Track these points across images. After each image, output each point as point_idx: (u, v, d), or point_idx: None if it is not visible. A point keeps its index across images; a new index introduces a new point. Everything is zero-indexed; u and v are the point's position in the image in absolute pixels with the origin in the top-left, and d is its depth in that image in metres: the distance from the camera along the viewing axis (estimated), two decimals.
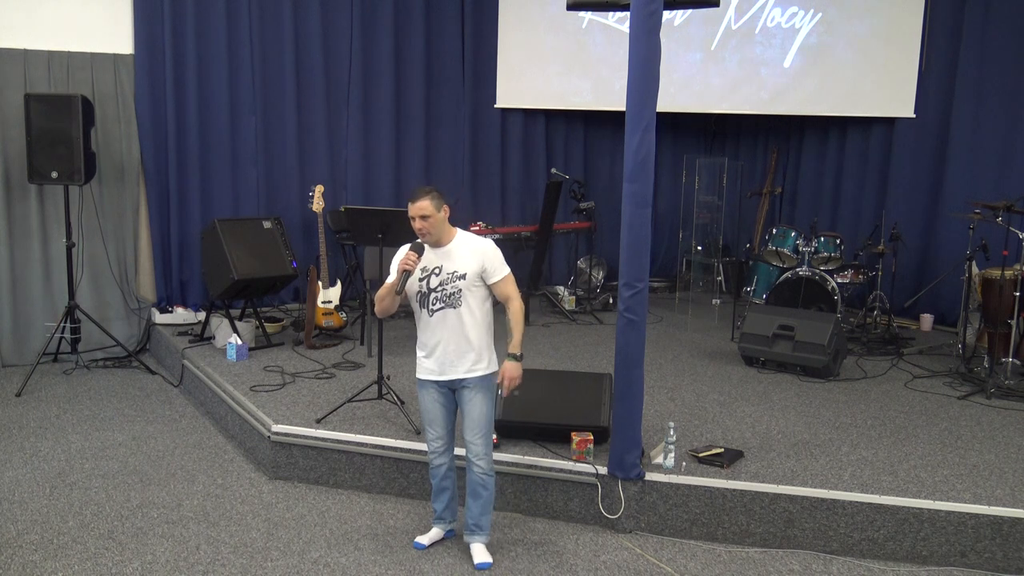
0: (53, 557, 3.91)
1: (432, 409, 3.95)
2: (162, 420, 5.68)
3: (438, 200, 3.75)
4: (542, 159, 8.75)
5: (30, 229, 6.64)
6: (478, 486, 3.90)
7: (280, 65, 7.49)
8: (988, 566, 3.98)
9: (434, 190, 3.78)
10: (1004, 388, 5.70)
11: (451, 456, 4.02)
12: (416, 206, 3.72)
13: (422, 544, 4.07)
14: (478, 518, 3.95)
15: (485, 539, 3.99)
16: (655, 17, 3.93)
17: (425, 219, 3.72)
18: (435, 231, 3.76)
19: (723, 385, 5.85)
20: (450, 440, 4.00)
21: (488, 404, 3.87)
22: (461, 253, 3.81)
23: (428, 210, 3.70)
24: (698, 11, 7.92)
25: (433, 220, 3.73)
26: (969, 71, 7.33)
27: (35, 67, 6.53)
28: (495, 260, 3.84)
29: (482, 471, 3.87)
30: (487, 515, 3.96)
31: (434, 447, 3.99)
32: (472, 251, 3.82)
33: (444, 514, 4.11)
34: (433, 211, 3.72)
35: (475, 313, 3.82)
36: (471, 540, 3.99)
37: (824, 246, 7.08)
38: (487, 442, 3.88)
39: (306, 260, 7.32)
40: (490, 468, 3.90)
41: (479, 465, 3.87)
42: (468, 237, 3.89)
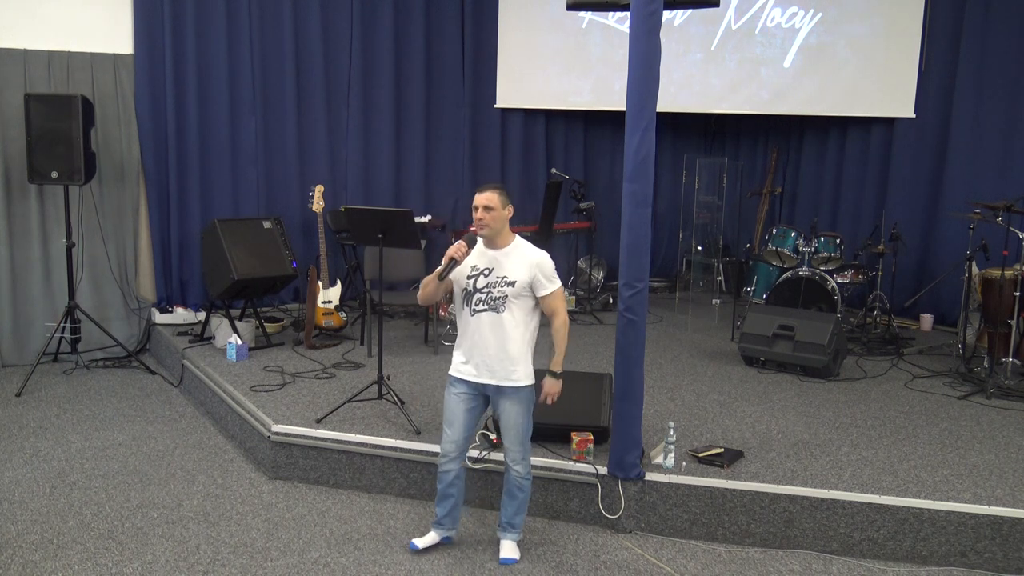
0: (53, 557, 3.91)
1: (455, 409, 3.89)
2: (162, 420, 5.68)
3: (505, 198, 3.74)
4: (542, 159, 8.75)
5: (30, 229, 6.64)
6: (515, 487, 3.94)
7: (280, 65, 7.49)
8: (988, 566, 3.99)
9: (504, 188, 3.80)
10: (1004, 388, 5.70)
11: (461, 464, 3.96)
12: (483, 195, 3.70)
13: (416, 546, 4.03)
14: (512, 517, 4.00)
15: (516, 537, 4.03)
16: (655, 17, 3.93)
17: (488, 210, 3.68)
18: (494, 225, 3.71)
19: (723, 385, 5.85)
20: (464, 446, 3.95)
21: (523, 414, 3.83)
22: (515, 260, 3.76)
23: (494, 202, 3.68)
24: (698, 11, 7.92)
25: (496, 214, 3.70)
26: (969, 71, 7.33)
27: (35, 67, 6.53)
28: (548, 272, 3.79)
29: (519, 475, 3.90)
30: (521, 515, 4.01)
31: (446, 449, 3.92)
32: (527, 261, 3.75)
33: (444, 520, 4.06)
34: (498, 205, 3.69)
35: (518, 323, 3.75)
36: (502, 536, 4.03)
37: (824, 246, 7.08)
38: (525, 449, 3.87)
39: (306, 260, 7.32)
40: (527, 473, 3.91)
41: (516, 470, 3.90)
42: (526, 246, 3.82)
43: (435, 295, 3.88)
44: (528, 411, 3.86)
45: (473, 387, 3.86)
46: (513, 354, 3.76)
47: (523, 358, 3.80)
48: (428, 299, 3.93)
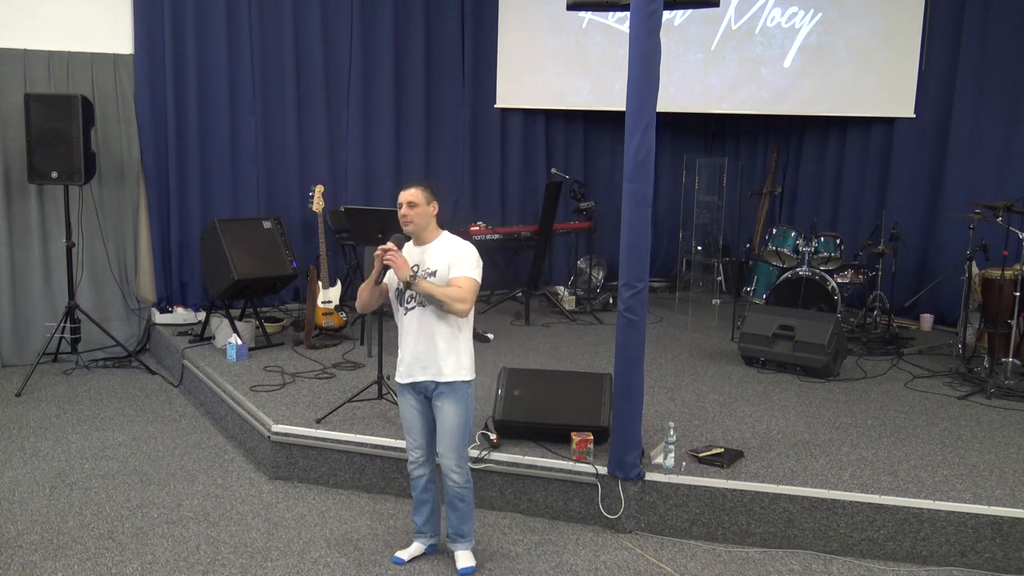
0: (53, 557, 3.91)
1: (409, 416, 3.83)
2: (162, 420, 5.68)
3: (429, 194, 3.69)
4: (542, 159, 8.75)
5: (30, 229, 6.64)
6: (455, 499, 3.80)
7: (280, 65, 7.49)
8: (988, 566, 3.99)
9: (429, 184, 3.74)
10: (1004, 388, 5.70)
11: (431, 468, 3.89)
12: (406, 192, 3.67)
13: (401, 559, 3.93)
14: (458, 527, 3.87)
15: (468, 545, 3.91)
16: (655, 17, 3.93)
17: (412, 207, 3.64)
18: (419, 221, 3.67)
19: (723, 385, 5.85)
20: (430, 451, 3.86)
21: (459, 413, 3.69)
22: (438, 252, 3.69)
23: (418, 198, 3.64)
24: (698, 11, 7.92)
25: (420, 211, 3.65)
26: (969, 71, 7.33)
27: (35, 67, 6.53)
28: (465, 259, 3.66)
29: (457, 485, 3.76)
30: (468, 523, 3.87)
31: (412, 457, 3.87)
32: (449, 251, 3.69)
33: (424, 527, 3.98)
34: (422, 201, 3.65)
35: (444, 314, 3.65)
36: (453, 548, 3.91)
37: (824, 246, 7.08)
38: (459, 455, 3.73)
39: (306, 260, 7.31)
40: (466, 480, 3.78)
41: (452, 479, 3.75)
42: (452, 239, 3.74)
43: (372, 301, 3.78)
44: (462, 412, 3.70)
45: (416, 389, 3.76)
46: (440, 347, 3.66)
47: (452, 351, 3.67)
48: (366, 306, 3.82)
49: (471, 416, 3.79)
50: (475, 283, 3.64)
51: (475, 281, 3.64)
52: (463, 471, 3.78)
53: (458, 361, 3.70)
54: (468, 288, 3.61)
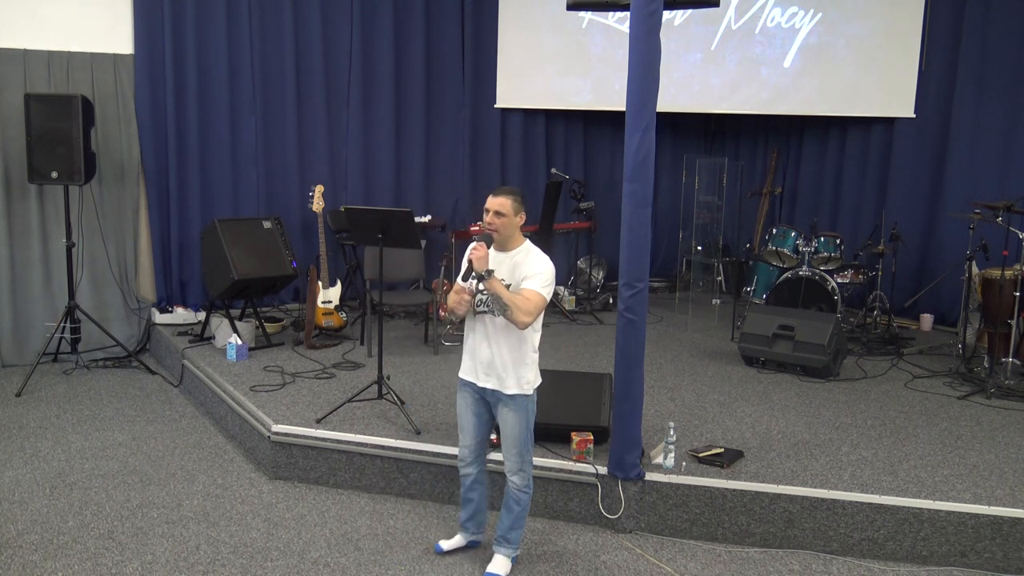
0: (53, 557, 3.91)
1: (463, 415, 3.86)
2: (162, 420, 5.68)
3: (518, 204, 3.66)
4: (542, 159, 8.74)
5: (30, 229, 6.64)
6: (511, 500, 3.81)
7: (280, 65, 7.49)
8: (988, 566, 3.99)
9: (519, 193, 3.71)
10: (1004, 388, 5.70)
11: (479, 468, 3.93)
12: (495, 200, 3.64)
13: (441, 548, 4.03)
14: (507, 531, 3.85)
15: (510, 552, 3.89)
16: (655, 17, 3.93)
17: (500, 216, 3.62)
18: (504, 231, 3.65)
19: (723, 385, 5.85)
20: (479, 451, 3.90)
21: (520, 422, 3.71)
22: (518, 261, 3.68)
23: (506, 208, 3.62)
24: (698, 11, 7.92)
25: (506, 220, 3.63)
26: (969, 71, 7.33)
27: (35, 67, 6.52)
28: (539, 274, 3.62)
29: (516, 487, 3.79)
30: (517, 530, 3.86)
31: (461, 455, 3.92)
32: (526, 261, 3.67)
33: (468, 524, 4.05)
34: (510, 212, 3.62)
35: (506, 330, 3.66)
36: (495, 550, 3.90)
37: (824, 246, 7.08)
38: (522, 459, 3.75)
39: (306, 260, 7.32)
40: (525, 485, 3.78)
41: (513, 481, 3.79)
42: (532, 251, 3.71)
43: (462, 305, 3.70)
44: (523, 421, 3.72)
45: (475, 390, 3.79)
46: (506, 359, 3.68)
47: (517, 364, 3.68)
48: (457, 308, 3.73)
49: (532, 422, 3.78)
50: (542, 299, 3.60)
51: (543, 298, 3.60)
52: (524, 476, 3.79)
53: (522, 375, 3.69)
54: (535, 303, 3.58)
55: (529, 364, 3.71)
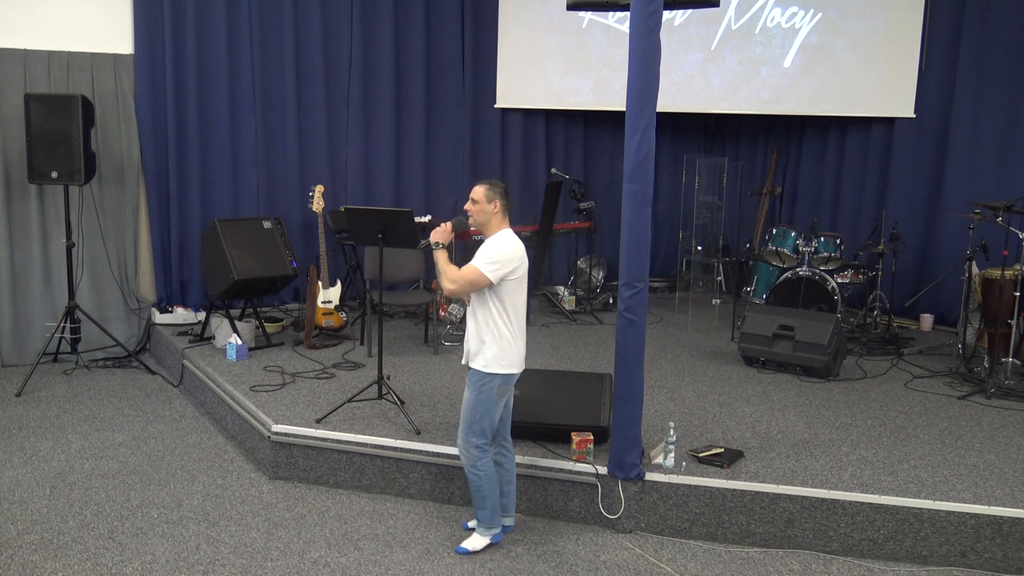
0: (53, 557, 3.91)
1: None
2: (162, 420, 5.68)
3: (492, 193, 3.93)
4: (542, 159, 8.75)
5: (30, 229, 6.64)
6: (468, 479, 3.99)
7: (280, 65, 7.49)
8: (988, 566, 3.99)
9: (497, 184, 3.98)
10: (1004, 388, 5.70)
11: (496, 450, 4.08)
12: (474, 189, 3.95)
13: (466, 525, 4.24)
14: (476, 511, 4.05)
15: (481, 530, 4.04)
16: (655, 17, 3.93)
17: (474, 203, 3.94)
18: (477, 217, 3.95)
19: (723, 385, 5.85)
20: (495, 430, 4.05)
21: (470, 399, 3.91)
22: (482, 247, 3.92)
23: (479, 196, 3.93)
24: (698, 11, 7.92)
25: (479, 207, 3.93)
26: (969, 71, 7.33)
27: (35, 67, 6.52)
28: (483, 252, 3.86)
29: (464, 465, 3.98)
30: (481, 510, 4.02)
31: None
32: (486, 245, 3.90)
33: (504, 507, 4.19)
34: (483, 199, 3.92)
35: (474, 307, 3.92)
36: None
37: (824, 246, 7.08)
38: (466, 436, 3.93)
39: (306, 260, 7.32)
40: (475, 463, 3.94)
41: (460, 456, 3.99)
42: (499, 237, 3.94)
43: None
44: (474, 398, 3.89)
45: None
46: (472, 333, 3.92)
47: (479, 340, 3.88)
48: None
49: (484, 405, 3.90)
50: (476, 272, 3.82)
51: (477, 272, 3.82)
52: (467, 455, 3.95)
53: (481, 351, 3.89)
54: (463, 273, 3.84)
55: (490, 343, 3.86)
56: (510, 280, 3.85)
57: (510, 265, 3.84)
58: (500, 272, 3.81)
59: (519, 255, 3.88)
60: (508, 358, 3.89)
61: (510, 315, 3.88)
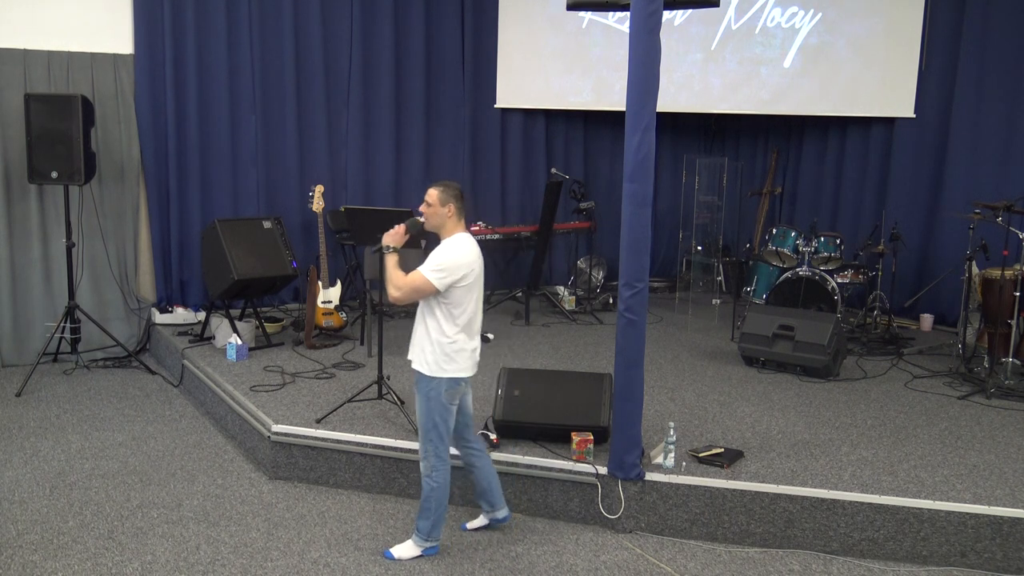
0: (53, 557, 3.91)
1: None
2: (162, 420, 5.68)
3: (446, 195, 3.85)
4: (542, 159, 8.75)
5: (30, 229, 6.64)
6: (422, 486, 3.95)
7: (280, 65, 7.49)
8: (988, 566, 3.99)
9: (452, 186, 3.89)
10: (1004, 388, 5.70)
11: (464, 449, 4.12)
12: (427, 192, 3.89)
13: (465, 527, 4.25)
14: (418, 519, 3.99)
15: (417, 539, 3.98)
16: (655, 17, 3.93)
17: (428, 206, 3.88)
18: (431, 220, 3.89)
19: (723, 385, 5.85)
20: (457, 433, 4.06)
21: (422, 408, 3.89)
22: (434, 252, 3.87)
23: (432, 198, 3.86)
24: (698, 11, 7.92)
25: (432, 209, 3.86)
26: (969, 71, 7.33)
27: (35, 67, 6.52)
28: (432, 258, 3.82)
29: (422, 472, 3.94)
30: (423, 519, 3.94)
31: None
32: (436, 251, 3.86)
33: (480, 502, 4.22)
34: (436, 202, 3.85)
35: (421, 311, 3.93)
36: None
37: (824, 246, 7.08)
38: (423, 444, 3.91)
39: (306, 260, 7.31)
40: (431, 472, 3.90)
41: (420, 464, 3.95)
42: (452, 241, 3.87)
43: None
44: (424, 407, 3.87)
45: None
46: (415, 336, 3.93)
47: (421, 341, 3.88)
48: None
49: (434, 414, 3.87)
50: (421, 279, 3.77)
51: (423, 279, 3.77)
52: (425, 463, 3.92)
53: (422, 354, 3.89)
54: (408, 280, 3.81)
55: (433, 346, 3.85)
56: (459, 287, 3.78)
57: (458, 272, 3.77)
58: (447, 280, 3.75)
59: (469, 261, 3.81)
60: (454, 363, 3.84)
61: (458, 322, 3.83)
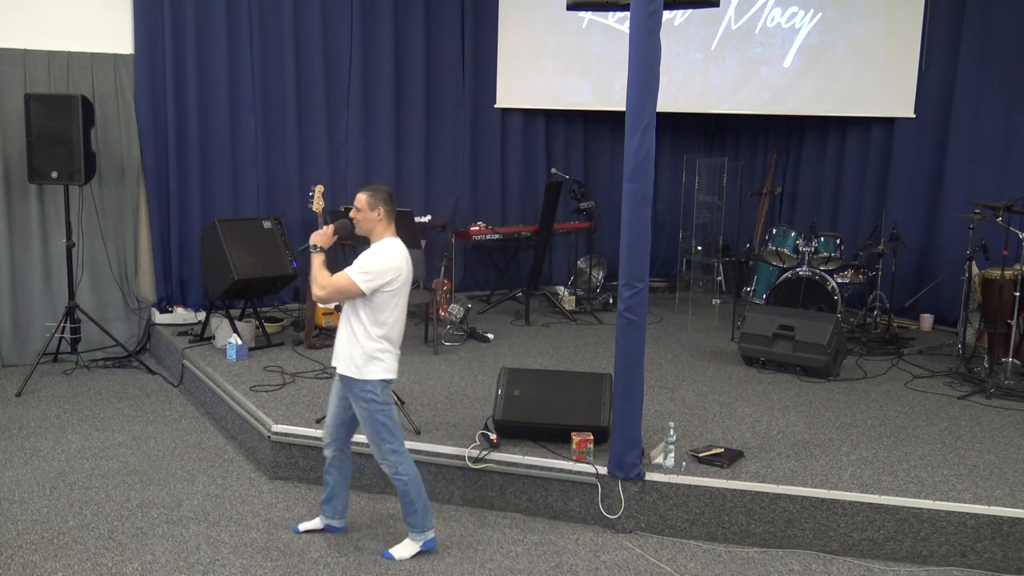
0: (53, 557, 3.91)
1: (331, 396, 4.09)
2: (162, 420, 5.68)
3: (375, 200, 3.86)
4: (542, 159, 8.74)
5: (30, 229, 6.64)
6: (395, 486, 3.98)
7: (280, 65, 7.49)
8: (988, 566, 3.99)
9: (381, 190, 3.91)
10: (1004, 388, 5.70)
11: (336, 451, 4.09)
12: (356, 197, 3.89)
13: (297, 528, 4.21)
14: (405, 516, 4.02)
15: (412, 536, 4.02)
16: (655, 17, 3.93)
17: (358, 211, 3.88)
18: (363, 224, 3.89)
19: (723, 385, 5.85)
20: (337, 434, 4.08)
21: (363, 414, 3.89)
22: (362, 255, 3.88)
23: (361, 203, 3.87)
24: (698, 11, 7.92)
25: (362, 215, 3.87)
26: (969, 71, 7.33)
27: (35, 67, 6.52)
28: (359, 261, 3.81)
29: (388, 474, 3.95)
30: (413, 514, 3.98)
31: (323, 434, 4.18)
32: (364, 254, 3.86)
33: (324, 507, 4.20)
34: (365, 207, 3.86)
35: (347, 312, 3.89)
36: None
37: (824, 246, 7.08)
38: (378, 448, 3.92)
39: (306, 260, 7.29)
40: (394, 472, 3.92)
41: (383, 467, 3.97)
42: (378, 247, 3.88)
43: None
44: (366, 413, 3.87)
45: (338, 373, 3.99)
46: (340, 340, 3.91)
47: (349, 344, 3.85)
48: None
49: (377, 414, 3.88)
50: (347, 280, 3.76)
51: (348, 280, 3.76)
52: (387, 463, 3.93)
53: (350, 359, 3.86)
54: (333, 280, 3.80)
55: (362, 348, 3.83)
56: (384, 292, 3.78)
57: (385, 277, 3.77)
58: (373, 283, 3.76)
59: (397, 266, 3.81)
60: (382, 363, 3.87)
61: (382, 327, 3.83)
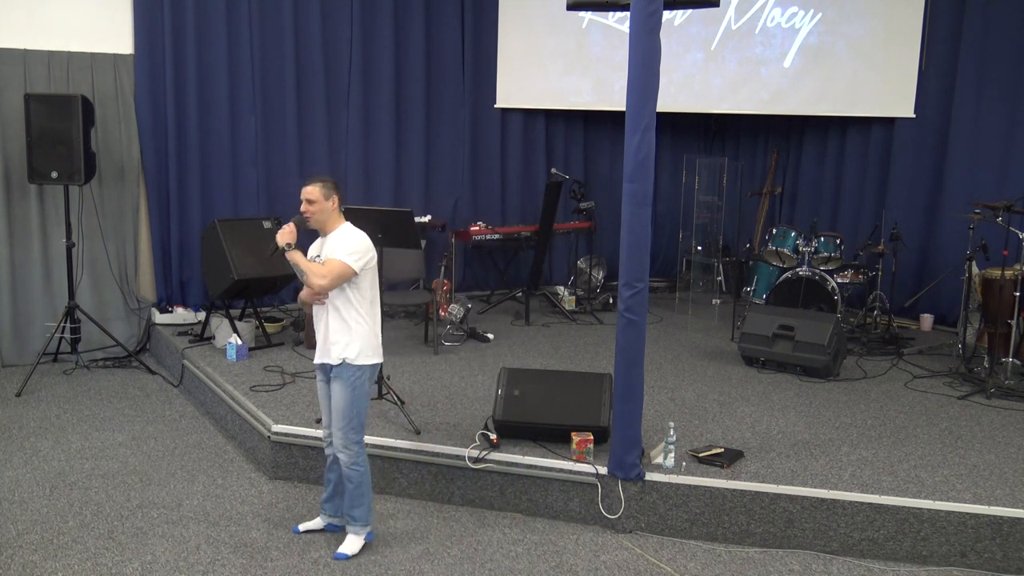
0: (53, 557, 3.91)
1: (321, 397, 4.09)
2: (162, 420, 5.68)
3: (327, 190, 3.89)
4: (542, 159, 8.74)
5: (30, 229, 6.64)
6: (345, 479, 3.98)
7: (280, 65, 7.49)
8: (988, 566, 3.99)
9: (328, 180, 3.94)
10: (1004, 388, 5.70)
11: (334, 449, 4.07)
12: (305, 190, 3.89)
13: (297, 528, 4.20)
14: (349, 508, 4.02)
15: (357, 530, 4.02)
16: (655, 17, 3.93)
17: (311, 204, 3.88)
18: (319, 217, 3.90)
19: (723, 385, 5.85)
20: None
21: (344, 395, 3.89)
22: (333, 241, 3.91)
23: (315, 195, 3.87)
24: (698, 11, 7.92)
25: (318, 206, 3.88)
26: (969, 71, 7.33)
27: (35, 67, 6.52)
28: (343, 246, 3.86)
29: (344, 464, 3.95)
30: (359, 507, 3.99)
31: (324, 435, 4.14)
32: (338, 239, 3.90)
33: (325, 506, 4.19)
34: (319, 198, 3.87)
35: (335, 300, 3.89)
36: (347, 529, 4.06)
37: (824, 246, 7.08)
38: (345, 435, 3.91)
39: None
40: (353, 462, 3.94)
41: (340, 458, 3.96)
42: (347, 230, 3.94)
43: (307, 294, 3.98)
44: (348, 394, 3.89)
45: (323, 370, 4.00)
46: (332, 330, 3.89)
47: (342, 335, 3.87)
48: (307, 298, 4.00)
49: (359, 400, 3.92)
50: (343, 266, 3.82)
51: (343, 264, 3.82)
52: (349, 452, 3.93)
53: (346, 347, 3.88)
54: (330, 267, 3.83)
55: (354, 334, 3.88)
56: (368, 269, 3.90)
57: (368, 253, 3.89)
58: (361, 261, 3.85)
59: (370, 244, 3.93)
60: (372, 348, 3.95)
61: (370, 305, 3.95)
